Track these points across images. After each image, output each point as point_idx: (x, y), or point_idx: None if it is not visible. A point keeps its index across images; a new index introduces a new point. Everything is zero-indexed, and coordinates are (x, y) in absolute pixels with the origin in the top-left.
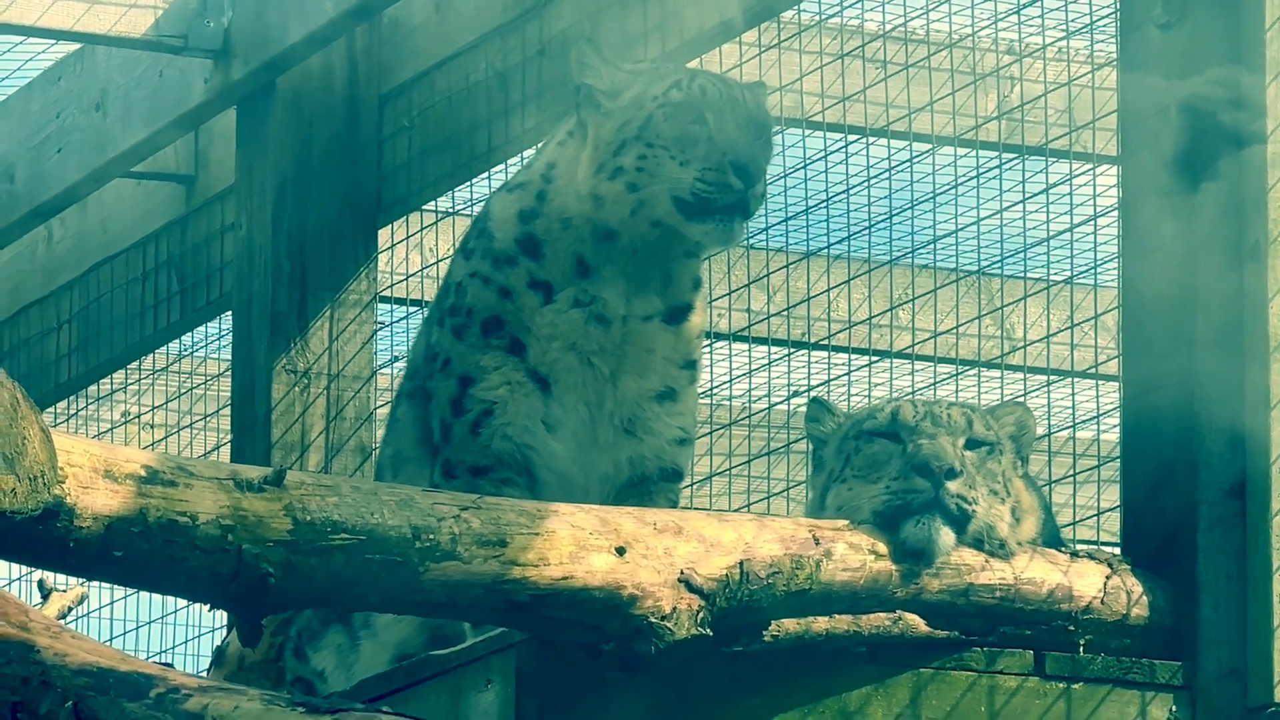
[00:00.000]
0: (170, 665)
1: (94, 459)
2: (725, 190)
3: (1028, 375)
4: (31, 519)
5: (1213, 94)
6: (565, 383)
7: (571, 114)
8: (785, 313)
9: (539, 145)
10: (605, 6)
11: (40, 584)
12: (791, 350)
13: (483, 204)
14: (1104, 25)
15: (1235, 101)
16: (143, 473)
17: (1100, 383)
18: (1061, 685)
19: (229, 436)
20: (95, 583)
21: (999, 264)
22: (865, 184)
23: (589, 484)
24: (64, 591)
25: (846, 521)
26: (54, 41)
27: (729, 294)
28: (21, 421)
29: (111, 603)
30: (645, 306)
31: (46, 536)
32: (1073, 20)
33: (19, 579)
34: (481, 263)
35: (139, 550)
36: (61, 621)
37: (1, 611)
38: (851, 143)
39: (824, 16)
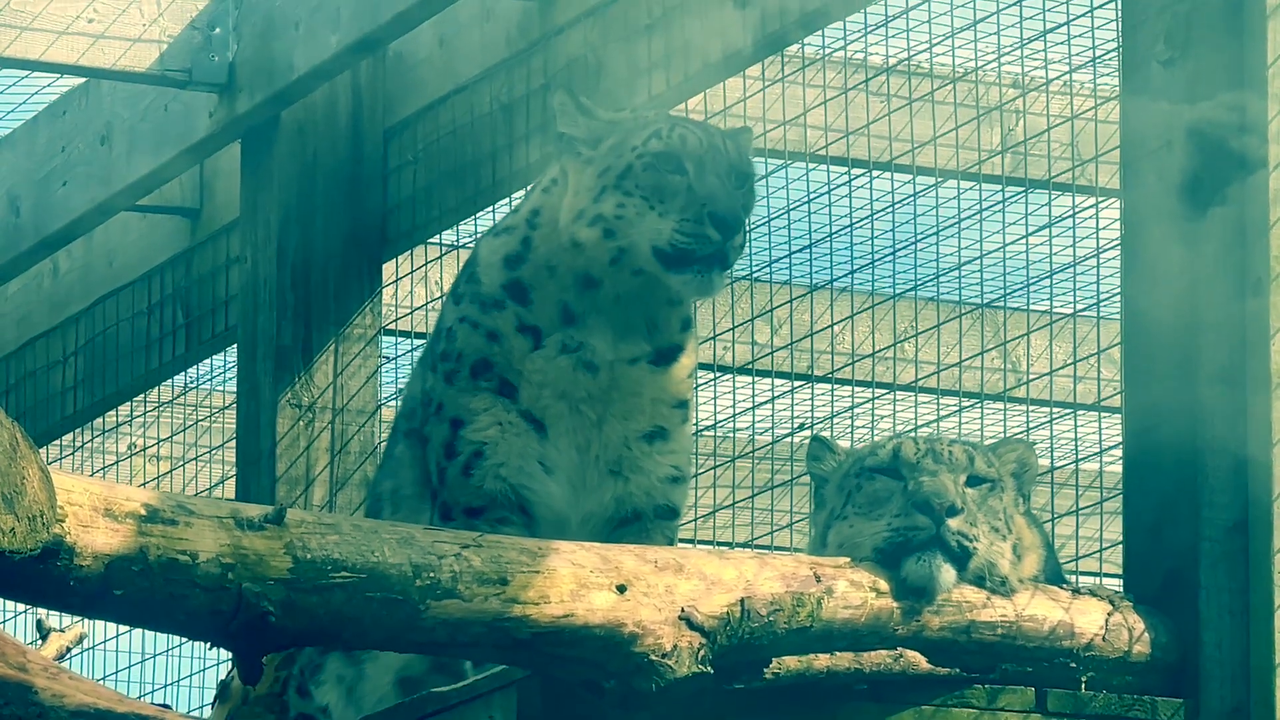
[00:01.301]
0: (169, 707)
1: (94, 498)
2: (703, 242)
3: (1032, 408)
4: (31, 558)
5: (1219, 118)
6: (558, 426)
7: (556, 161)
8: (791, 346)
9: (527, 188)
10: (611, 40)
11: (39, 623)
12: (797, 384)
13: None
14: (1108, 59)
15: (1240, 129)
16: (143, 511)
17: (1104, 416)
18: None
19: (234, 470)
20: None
21: (1004, 298)
22: (870, 218)
23: (580, 524)
24: (63, 631)
25: (848, 559)
26: (59, 75)
27: (734, 328)
28: (21, 461)
29: (117, 635)
30: (632, 350)
31: (46, 576)
32: (1076, 55)
33: (15, 616)
34: (470, 307)
35: (139, 589)
36: (60, 662)
37: None
38: (856, 177)
39: (829, 50)
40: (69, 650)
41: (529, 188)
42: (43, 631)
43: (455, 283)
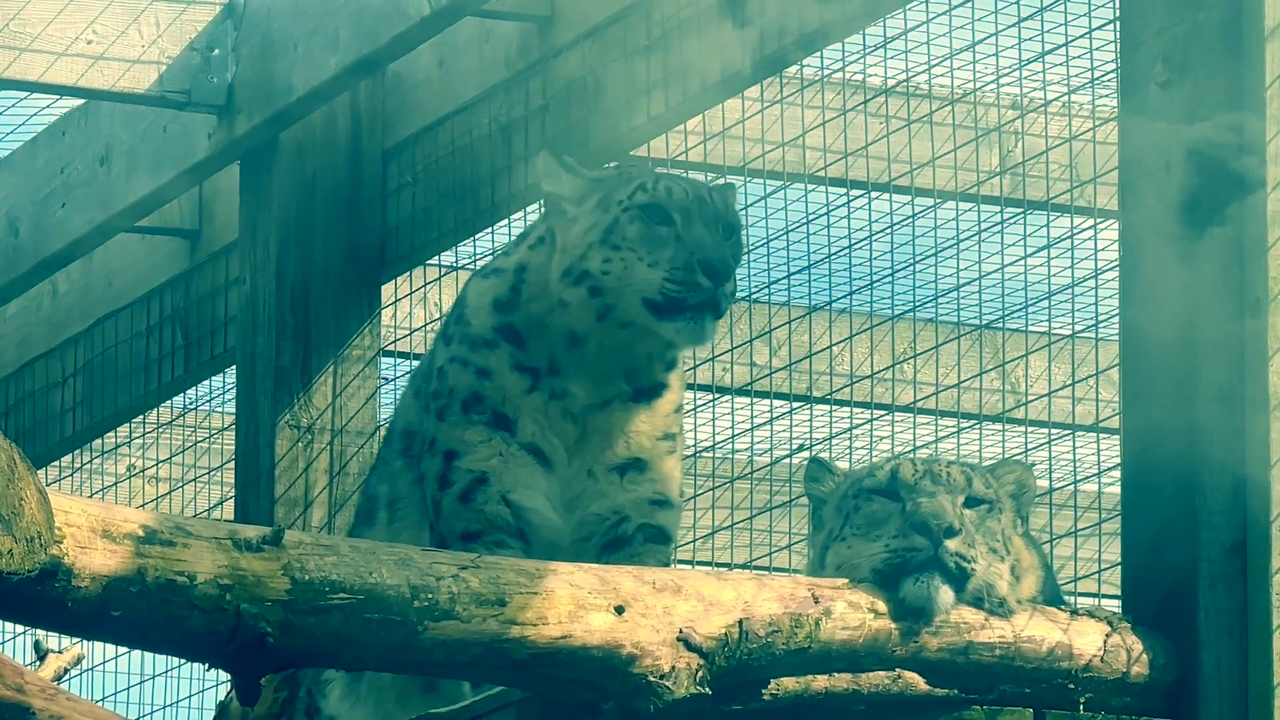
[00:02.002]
0: None
1: (92, 519)
2: (695, 289)
3: (1031, 430)
4: (29, 579)
5: (1217, 139)
6: (553, 458)
7: (543, 221)
8: (790, 367)
9: (515, 237)
10: (610, 61)
11: (36, 645)
12: (796, 405)
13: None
14: (1106, 81)
15: (1238, 150)
16: (141, 532)
17: (1103, 437)
18: None
19: (233, 491)
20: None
21: (1002, 319)
22: (869, 239)
23: (570, 548)
24: (60, 653)
25: (846, 580)
26: (59, 97)
27: (733, 349)
28: (19, 483)
29: (116, 657)
30: (608, 392)
31: (44, 597)
32: (1075, 76)
33: (14, 637)
34: (460, 348)
35: (137, 610)
36: (58, 683)
37: None
38: (855, 198)
39: (828, 72)
40: (67, 671)
41: (518, 235)
42: (40, 653)
43: (444, 324)
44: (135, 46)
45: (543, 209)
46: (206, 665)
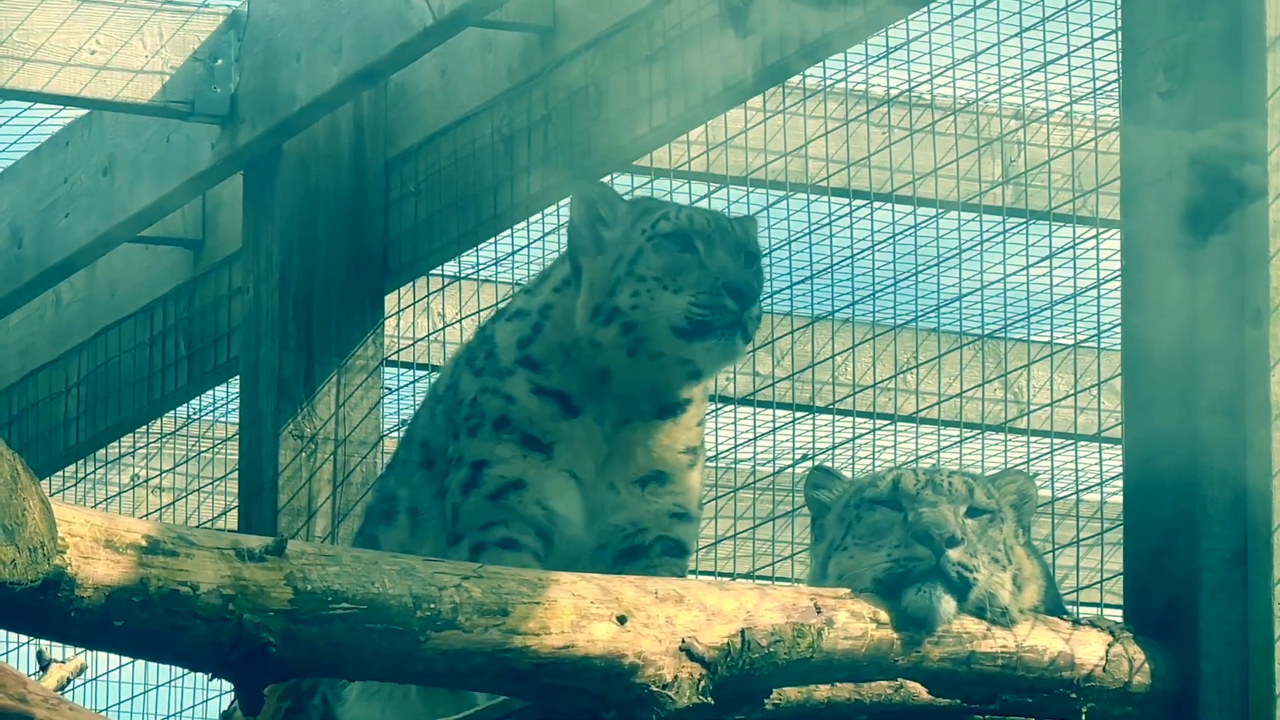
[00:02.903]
0: None
1: (95, 529)
2: (721, 312)
3: (1034, 439)
4: (32, 590)
5: (1219, 148)
6: (578, 469)
7: (565, 261)
8: (792, 377)
9: (536, 276)
10: (612, 71)
11: (39, 654)
12: (799, 415)
13: (485, 328)
14: (1108, 90)
15: (1240, 160)
16: (144, 542)
17: (1105, 447)
18: None
19: (237, 501)
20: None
21: (1005, 329)
22: (871, 249)
23: (591, 557)
24: (63, 663)
25: (848, 590)
26: (62, 107)
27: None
28: (22, 493)
29: (119, 667)
30: (635, 412)
31: (47, 607)
32: (1077, 86)
33: (17, 648)
34: (491, 380)
35: (140, 620)
36: (60, 693)
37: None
38: (858, 207)
39: (831, 81)
40: (69, 681)
41: (538, 277)
42: (43, 662)
43: (470, 358)
44: (139, 57)
45: (564, 247)
46: (209, 675)
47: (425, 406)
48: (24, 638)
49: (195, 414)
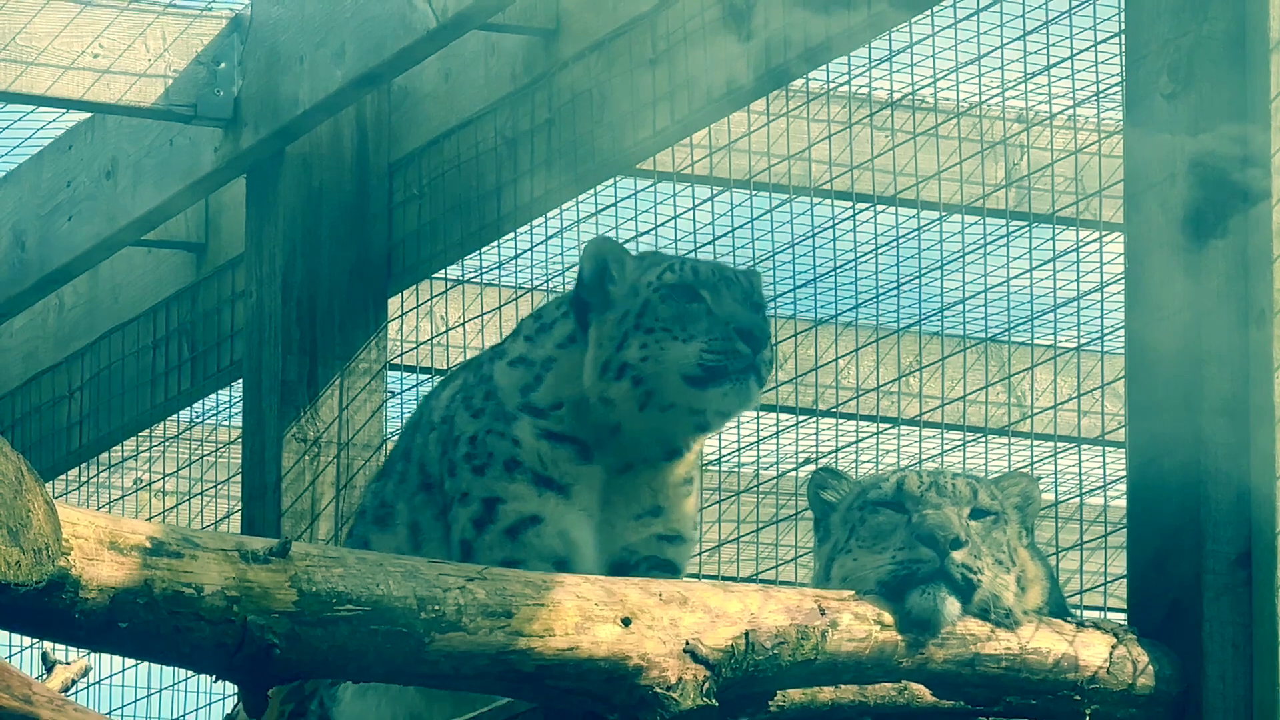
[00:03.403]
0: None
1: (99, 530)
2: (734, 356)
3: (1037, 443)
4: (36, 591)
5: (1222, 151)
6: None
7: (568, 319)
8: (795, 381)
9: (532, 321)
10: (615, 74)
11: (44, 656)
12: (802, 418)
13: (482, 371)
14: (1112, 94)
15: (1243, 162)
16: (148, 544)
17: (1108, 450)
18: None
19: (240, 505)
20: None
21: (1008, 332)
22: (874, 252)
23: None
24: (68, 664)
25: (852, 592)
26: (64, 110)
27: None
28: (26, 494)
29: (123, 670)
30: (641, 458)
31: (51, 609)
32: (1080, 89)
33: (21, 651)
34: (496, 422)
35: (144, 622)
36: (64, 694)
37: (4, 684)
38: (860, 211)
39: (834, 85)
40: (74, 683)
41: (537, 328)
42: (48, 664)
43: (468, 395)
44: (141, 60)
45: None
46: (214, 678)
47: (419, 428)
48: (29, 640)
49: (198, 417)
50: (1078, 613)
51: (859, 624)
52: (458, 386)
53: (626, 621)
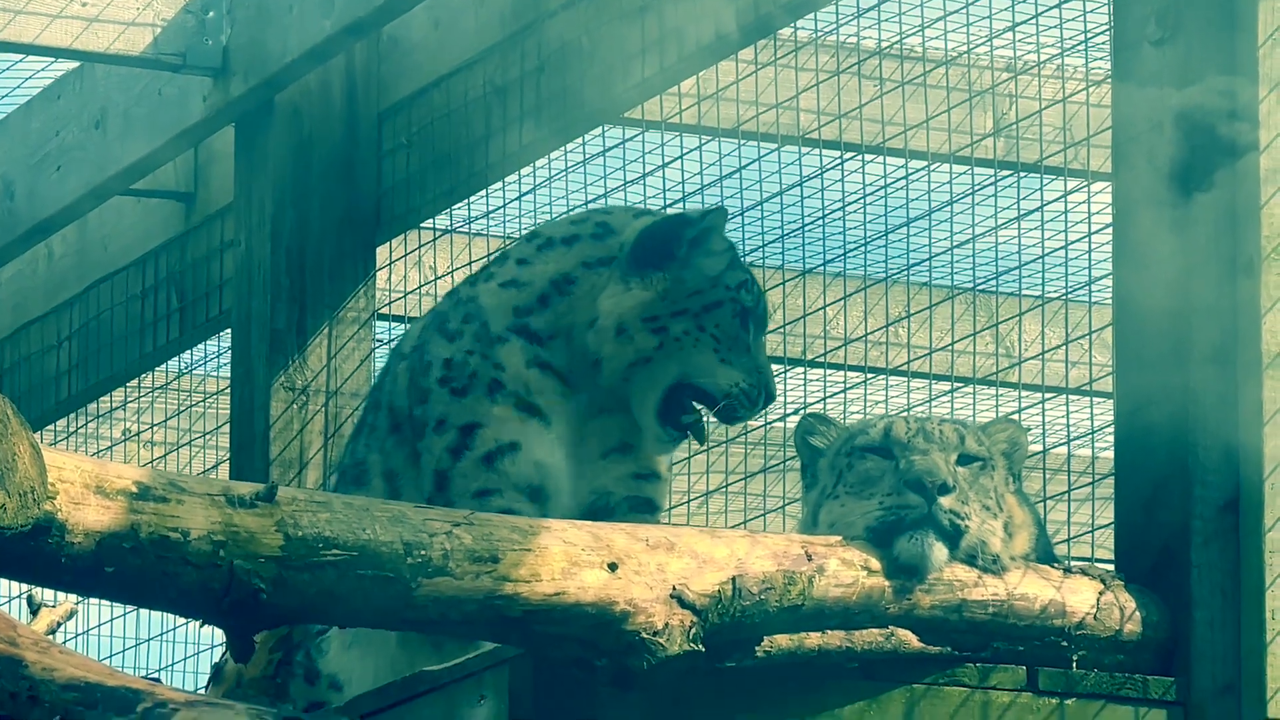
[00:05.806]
0: (159, 680)
1: (85, 475)
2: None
3: (1024, 392)
4: (22, 535)
5: (1208, 103)
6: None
7: (592, 240)
8: (783, 330)
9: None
10: (603, 23)
11: (29, 599)
12: (789, 367)
13: (460, 294)
14: (1100, 43)
15: (1231, 112)
16: (134, 489)
17: (1096, 399)
18: (1055, 701)
19: (229, 454)
20: (92, 600)
21: (995, 281)
22: (862, 201)
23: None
24: (53, 607)
25: (839, 537)
26: (53, 59)
27: None
28: (11, 437)
29: (111, 620)
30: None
31: (38, 552)
32: (1068, 38)
33: (10, 600)
34: (477, 343)
35: (131, 566)
36: (50, 637)
37: None
38: (848, 159)
39: (821, 34)
40: (60, 625)
41: (540, 242)
42: (33, 607)
43: (443, 321)
44: (130, 9)
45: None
46: (201, 622)
47: (388, 370)
48: (17, 585)
49: (187, 367)
50: (1065, 562)
51: (846, 569)
52: (427, 319)
53: (613, 567)
